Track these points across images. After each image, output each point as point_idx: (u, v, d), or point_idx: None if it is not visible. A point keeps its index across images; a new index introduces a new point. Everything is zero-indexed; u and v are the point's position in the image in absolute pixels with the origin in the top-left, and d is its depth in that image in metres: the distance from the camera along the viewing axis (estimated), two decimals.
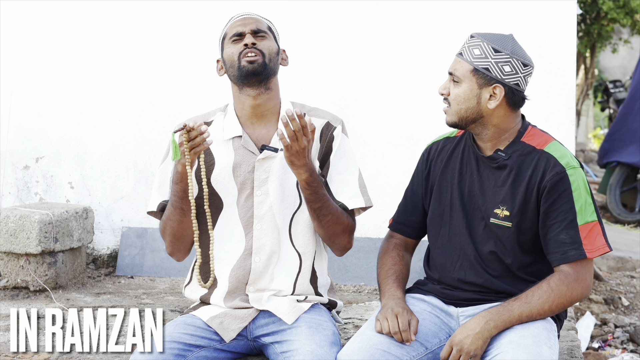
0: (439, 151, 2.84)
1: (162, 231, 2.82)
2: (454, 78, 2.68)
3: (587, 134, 14.74)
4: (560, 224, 2.61)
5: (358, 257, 4.54)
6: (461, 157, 2.78)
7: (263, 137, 2.82)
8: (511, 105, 2.68)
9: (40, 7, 4.87)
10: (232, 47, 2.80)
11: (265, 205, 2.79)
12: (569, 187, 2.62)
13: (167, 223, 2.78)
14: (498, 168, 2.70)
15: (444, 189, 2.79)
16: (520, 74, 2.65)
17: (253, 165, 2.80)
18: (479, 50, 2.64)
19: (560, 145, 2.70)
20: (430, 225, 2.83)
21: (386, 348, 2.58)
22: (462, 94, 2.65)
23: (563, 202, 2.62)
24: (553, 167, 2.63)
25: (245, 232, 2.80)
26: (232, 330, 2.76)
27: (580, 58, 11.01)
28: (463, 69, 2.66)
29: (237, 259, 2.81)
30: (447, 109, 2.70)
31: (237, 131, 2.82)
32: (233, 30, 2.82)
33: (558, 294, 2.58)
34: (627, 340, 4.64)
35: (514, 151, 2.69)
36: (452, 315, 2.75)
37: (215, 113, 2.90)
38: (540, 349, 2.50)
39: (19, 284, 4.24)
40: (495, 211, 2.69)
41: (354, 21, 4.67)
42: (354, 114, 4.63)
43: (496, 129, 2.69)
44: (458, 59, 2.68)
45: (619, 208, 8.32)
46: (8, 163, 4.92)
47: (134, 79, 4.82)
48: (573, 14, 4.55)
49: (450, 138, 2.85)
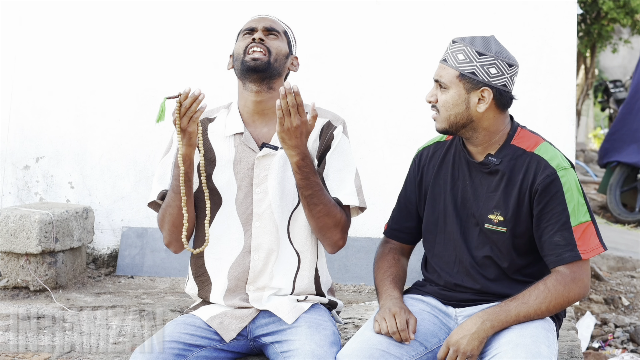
0: (430, 157, 2.84)
1: (161, 219, 2.80)
2: (440, 85, 2.67)
3: (587, 133, 14.75)
4: (554, 226, 2.61)
5: (358, 257, 4.54)
6: (452, 163, 2.78)
7: (264, 135, 2.83)
8: (500, 106, 2.67)
9: (40, 7, 4.87)
10: (241, 41, 2.83)
11: (264, 203, 2.80)
12: (561, 189, 2.62)
13: (167, 210, 2.77)
14: (490, 173, 2.70)
15: (437, 196, 2.79)
16: (506, 75, 2.64)
17: (253, 163, 2.80)
18: (463, 55, 2.63)
19: (550, 146, 2.70)
20: (426, 232, 2.83)
21: (385, 348, 2.58)
22: (451, 100, 2.65)
23: (555, 204, 2.61)
24: (544, 170, 2.63)
25: (244, 229, 2.80)
26: (232, 330, 2.77)
27: (581, 58, 11.01)
28: (449, 75, 2.65)
29: (235, 257, 2.81)
30: (436, 115, 2.69)
31: (239, 128, 2.83)
32: (247, 25, 2.86)
33: (555, 294, 2.58)
34: (627, 340, 4.64)
35: (504, 155, 2.68)
36: (451, 316, 2.75)
37: (219, 110, 2.91)
38: (539, 348, 2.50)
39: (19, 283, 4.24)
40: (489, 217, 2.69)
41: (354, 21, 4.67)
42: (354, 114, 4.63)
43: (487, 132, 2.68)
44: (442, 66, 2.67)
45: (619, 208, 8.32)
46: (8, 163, 4.92)
47: (134, 79, 4.82)
48: (573, 14, 4.55)
49: (440, 142, 2.85)
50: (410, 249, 2.93)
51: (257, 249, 2.80)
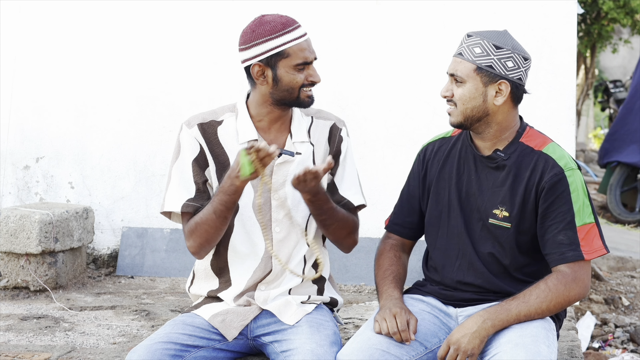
0: (435, 152, 2.84)
1: (192, 232, 2.77)
2: (456, 79, 2.67)
3: (588, 134, 14.74)
4: (559, 225, 2.61)
5: (358, 257, 4.54)
6: (458, 157, 2.78)
7: (277, 140, 2.82)
8: (514, 100, 2.69)
9: (40, 7, 4.87)
10: (296, 75, 2.75)
11: (284, 209, 2.80)
12: (567, 188, 2.62)
13: (202, 227, 2.75)
14: (497, 168, 2.70)
15: (442, 190, 2.79)
16: (522, 68, 2.66)
17: (271, 170, 2.79)
18: (480, 48, 2.64)
19: (558, 147, 2.70)
20: (429, 226, 2.83)
21: (385, 348, 2.58)
22: (468, 94, 2.65)
23: (561, 203, 2.62)
24: (552, 168, 2.64)
25: (264, 235, 2.80)
26: (234, 327, 2.76)
27: (581, 58, 11.01)
28: (465, 68, 2.65)
29: (258, 262, 2.82)
30: (453, 109, 2.69)
31: (253, 135, 2.81)
32: (300, 55, 2.75)
33: (556, 294, 2.58)
34: (627, 340, 4.64)
35: (512, 151, 2.69)
36: (451, 316, 2.75)
37: (224, 112, 2.86)
38: (539, 348, 2.50)
39: (20, 284, 4.24)
40: (494, 212, 2.69)
41: (354, 21, 4.67)
42: (354, 114, 4.63)
43: (499, 127, 2.69)
44: (458, 60, 2.67)
45: (619, 208, 8.32)
46: (8, 163, 4.92)
47: (134, 79, 4.82)
48: (573, 14, 4.55)
49: (446, 138, 2.85)
50: (412, 245, 2.93)
51: (279, 254, 2.81)
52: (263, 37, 2.73)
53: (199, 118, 2.83)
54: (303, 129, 2.85)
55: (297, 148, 2.82)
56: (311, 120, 2.88)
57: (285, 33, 2.74)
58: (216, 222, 2.72)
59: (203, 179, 2.81)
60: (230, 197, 2.69)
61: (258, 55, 2.74)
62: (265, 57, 2.74)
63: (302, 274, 2.84)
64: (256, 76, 2.76)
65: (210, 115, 2.85)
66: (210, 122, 2.82)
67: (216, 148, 2.81)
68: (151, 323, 3.72)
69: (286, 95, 2.76)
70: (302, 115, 2.88)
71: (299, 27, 2.78)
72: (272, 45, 2.73)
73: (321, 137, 2.87)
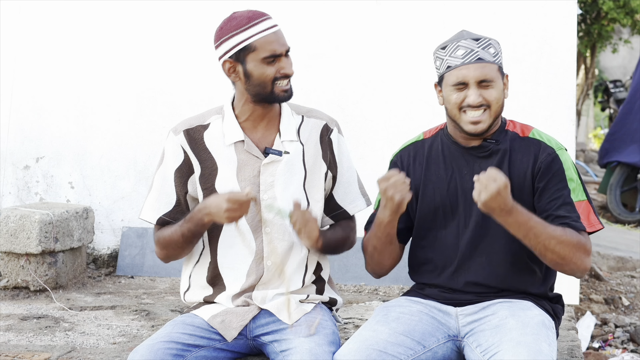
0: (414, 156, 2.83)
1: (160, 244, 2.83)
2: (485, 84, 2.67)
3: (588, 133, 14.75)
4: (557, 201, 2.65)
5: (358, 257, 4.52)
6: (443, 157, 2.78)
7: (265, 139, 2.82)
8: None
9: (40, 7, 4.87)
10: (265, 68, 2.71)
11: (273, 209, 2.79)
12: (562, 167, 2.68)
13: (170, 244, 2.79)
14: (489, 156, 2.72)
15: (431, 193, 2.78)
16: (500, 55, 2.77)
17: (258, 170, 2.79)
18: (493, 48, 2.71)
19: (541, 131, 2.77)
20: (422, 230, 2.81)
21: (382, 348, 2.58)
22: (499, 94, 2.70)
23: (557, 180, 2.67)
24: (544, 149, 2.70)
25: (254, 236, 2.80)
26: (234, 328, 2.76)
27: (581, 58, 11.00)
28: (492, 70, 2.68)
29: (249, 264, 2.81)
30: (484, 116, 2.67)
31: (239, 136, 2.80)
32: (268, 48, 2.71)
33: (569, 239, 2.57)
34: (627, 340, 4.65)
35: (502, 137, 2.74)
36: (451, 315, 2.74)
37: (211, 115, 2.85)
38: (540, 346, 2.50)
39: (20, 284, 4.24)
40: None
41: (354, 21, 4.67)
42: (354, 114, 4.63)
43: (497, 119, 2.74)
44: (482, 65, 2.67)
45: (619, 208, 8.32)
46: (8, 163, 4.92)
47: (134, 79, 4.82)
48: (573, 14, 4.55)
49: (418, 142, 2.85)
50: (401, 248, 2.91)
51: (270, 254, 2.80)
52: (230, 33, 2.73)
53: (186, 124, 2.83)
54: (292, 128, 2.84)
55: (286, 147, 2.80)
56: (301, 119, 2.86)
57: (251, 26, 2.71)
58: (182, 244, 2.78)
59: (184, 190, 2.82)
60: (197, 229, 2.73)
61: (227, 52, 2.74)
62: (234, 52, 2.73)
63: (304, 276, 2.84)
64: (228, 73, 2.76)
65: (197, 120, 2.84)
66: (196, 127, 2.82)
67: (202, 153, 2.81)
68: (151, 323, 3.72)
69: (260, 90, 2.74)
70: (292, 113, 2.86)
71: (267, 19, 2.74)
72: (239, 40, 2.72)
73: (311, 137, 2.85)
